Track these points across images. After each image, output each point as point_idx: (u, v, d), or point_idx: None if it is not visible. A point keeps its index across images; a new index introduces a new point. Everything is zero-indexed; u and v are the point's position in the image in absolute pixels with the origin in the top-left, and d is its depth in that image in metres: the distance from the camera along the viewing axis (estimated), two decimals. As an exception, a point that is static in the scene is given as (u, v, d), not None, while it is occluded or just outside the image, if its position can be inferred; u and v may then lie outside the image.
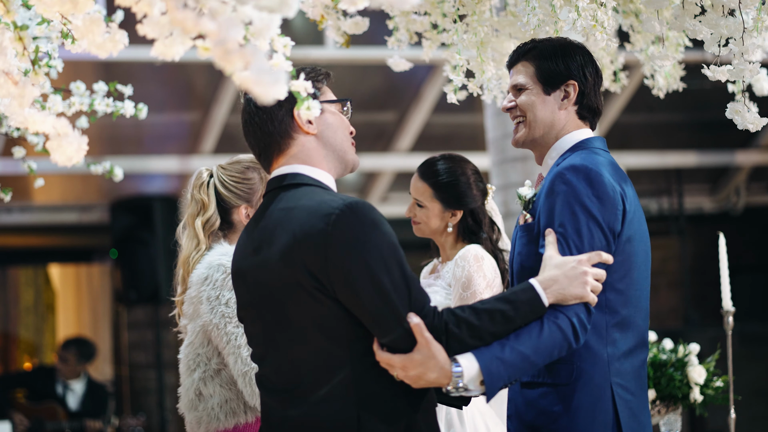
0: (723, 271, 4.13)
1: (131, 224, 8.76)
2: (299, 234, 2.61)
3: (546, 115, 3.01)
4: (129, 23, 2.82)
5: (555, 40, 3.09)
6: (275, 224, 2.68)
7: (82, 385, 8.39)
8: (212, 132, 8.39)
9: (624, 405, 2.87)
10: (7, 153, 7.03)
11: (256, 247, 2.72)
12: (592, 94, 3.03)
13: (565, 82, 3.00)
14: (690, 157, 9.74)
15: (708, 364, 4.14)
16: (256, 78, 2.11)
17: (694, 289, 10.87)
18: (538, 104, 3.01)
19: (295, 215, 2.64)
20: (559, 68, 3.01)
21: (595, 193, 2.82)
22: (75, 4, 2.38)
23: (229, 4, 2.15)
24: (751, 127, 3.27)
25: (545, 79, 3.01)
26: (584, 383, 2.85)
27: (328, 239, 2.57)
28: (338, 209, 2.59)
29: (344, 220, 2.59)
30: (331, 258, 2.57)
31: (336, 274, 2.58)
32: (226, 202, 3.50)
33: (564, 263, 2.73)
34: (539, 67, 3.01)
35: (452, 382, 2.61)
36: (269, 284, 2.67)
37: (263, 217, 2.75)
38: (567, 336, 2.68)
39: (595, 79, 3.04)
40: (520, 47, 3.08)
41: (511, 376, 2.66)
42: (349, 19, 3.71)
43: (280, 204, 2.71)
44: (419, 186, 3.92)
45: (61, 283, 10.79)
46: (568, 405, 2.85)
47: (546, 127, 3.01)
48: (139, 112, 4.06)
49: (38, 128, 2.52)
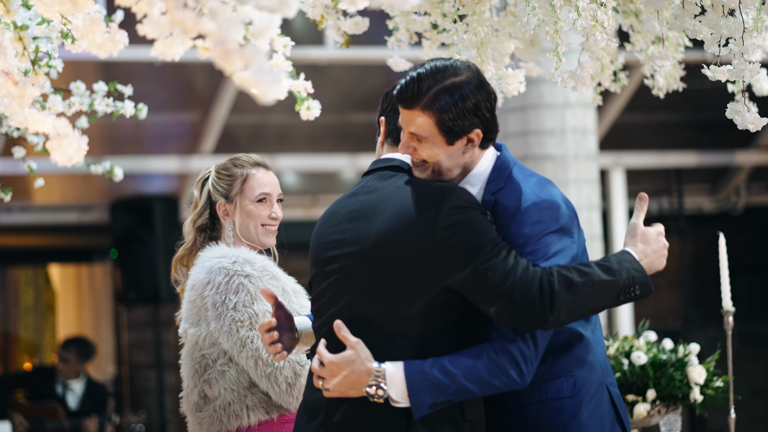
0: (723, 271, 4.13)
1: (131, 224, 8.76)
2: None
3: (451, 163, 2.84)
4: (129, 23, 2.82)
5: (447, 75, 2.80)
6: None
7: (81, 384, 8.40)
8: (212, 132, 8.39)
9: (619, 401, 2.92)
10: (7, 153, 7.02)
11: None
12: (493, 126, 2.86)
13: (468, 133, 2.81)
14: (690, 157, 9.74)
15: (708, 364, 4.14)
16: (256, 78, 2.11)
17: (694, 289, 10.87)
18: (442, 155, 2.82)
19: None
20: (466, 123, 2.79)
21: (561, 225, 2.82)
22: (75, 4, 2.38)
23: (229, 4, 2.15)
24: (751, 127, 3.27)
25: (448, 132, 2.79)
26: (587, 392, 2.86)
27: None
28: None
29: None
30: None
31: None
32: (211, 197, 3.53)
33: (650, 235, 2.89)
34: (442, 120, 2.78)
35: (372, 378, 2.69)
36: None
37: (365, 192, 2.86)
38: (504, 368, 2.71)
39: (492, 106, 2.85)
40: (410, 86, 2.79)
41: (438, 395, 2.69)
42: (349, 19, 3.71)
43: (387, 182, 2.86)
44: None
45: (61, 283, 10.79)
46: (577, 416, 2.85)
47: (452, 171, 2.86)
48: (139, 112, 4.06)
49: (38, 128, 2.52)
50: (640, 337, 4.19)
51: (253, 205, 3.50)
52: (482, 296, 2.69)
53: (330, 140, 8.80)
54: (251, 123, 8.65)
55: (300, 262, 3.70)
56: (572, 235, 2.84)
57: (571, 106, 6.60)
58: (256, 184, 3.52)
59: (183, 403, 3.45)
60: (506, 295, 2.66)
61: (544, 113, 6.56)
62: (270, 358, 3.26)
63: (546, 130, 6.48)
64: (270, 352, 2.97)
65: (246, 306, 3.29)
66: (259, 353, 3.26)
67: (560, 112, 6.55)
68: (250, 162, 3.53)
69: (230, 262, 3.33)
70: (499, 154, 2.94)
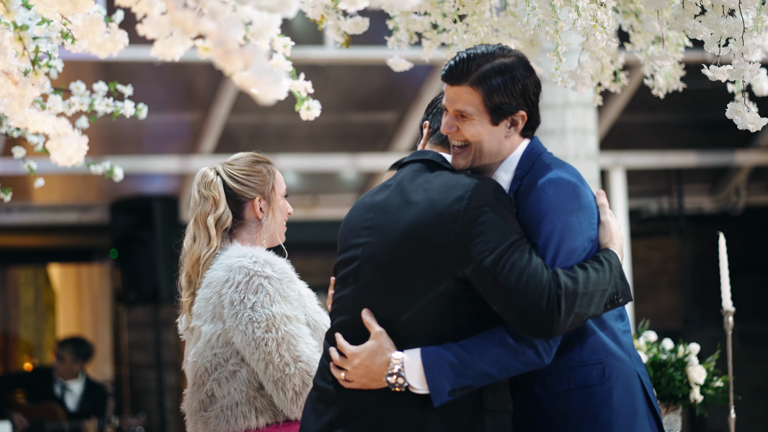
0: (723, 271, 4.13)
1: (131, 224, 8.76)
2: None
3: (493, 146, 2.85)
4: (129, 23, 2.82)
5: (496, 56, 2.83)
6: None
7: (80, 385, 8.39)
8: (212, 132, 8.39)
9: (651, 392, 2.90)
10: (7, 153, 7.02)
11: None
12: (536, 112, 2.89)
13: (514, 114, 2.83)
14: (690, 157, 9.74)
15: (708, 364, 4.14)
16: (256, 78, 2.11)
17: (694, 289, 10.87)
18: (485, 135, 2.83)
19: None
20: (513, 103, 2.81)
21: (578, 205, 2.81)
22: (75, 4, 2.38)
23: (229, 4, 2.15)
24: (751, 127, 3.27)
25: (493, 110, 2.81)
26: (616, 380, 2.84)
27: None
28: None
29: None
30: None
31: None
32: (240, 196, 3.45)
33: (616, 230, 2.87)
34: (490, 97, 2.80)
35: (390, 367, 2.71)
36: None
37: (396, 185, 2.89)
38: (521, 347, 2.71)
39: (538, 92, 2.88)
40: (459, 64, 2.82)
41: (457, 380, 2.69)
42: (349, 19, 3.71)
43: (417, 174, 2.90)
44: None
45: (61, 283, 10.79)
46: (608, 404, 2.83)
47: (493, 155, 2.87)
48: (139, 112, 4.06)
49: (38, 128, 2.52)
50: (640, 337, 4.19)
51: (283, 200, 3.52)
52: (490, 292, 2.70)
53: (330, 140, 8.80)
54: (251, 123, 8.65)
55: (301, 262, 3.69)
56: (592, 216, 2.83)
57: (571, 106, 6.60)
58: (281, 179, 3.54)
59: (185, 401, 3.41)
60: (513, 297, 2.67)
61: (544, 113, 6.49)
62: (281, 364, 3.22)
63: (546, 130, 6.48)
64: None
65: (264, 307, 3.26)
66: (271, 357, 3.23)
67: (560, 112, 6.55)
68: (264, 158, 3.53)
69: (251, 261, 3.30)
70: (530, 140, 2.95)
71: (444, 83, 2.88)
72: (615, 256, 2.81)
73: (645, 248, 10.91)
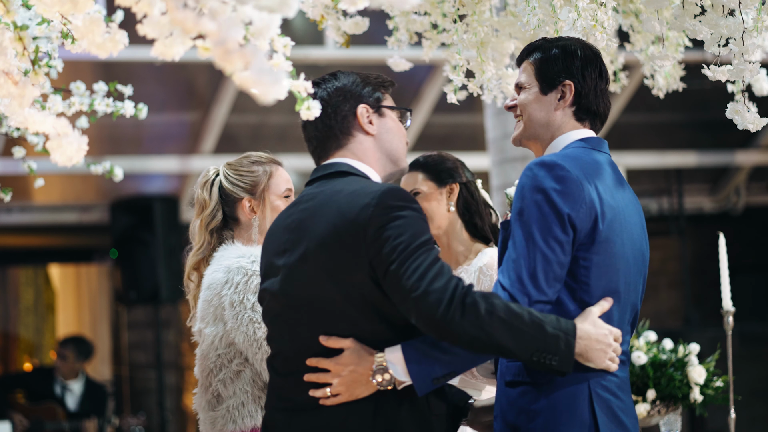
0: (723, 271, 4.13)
1: (131, 224, 8.76)
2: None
3: (541, 115, 3.00)
4: (129, 23, 2.82)
5: (562, 40, 3.07)
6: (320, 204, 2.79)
7: (80, 385, 8.39)
8: (212, 132, 8.39)
9: (602, 404, 2.86)
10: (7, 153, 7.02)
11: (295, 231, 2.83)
12: (591, 95, 3.00)
13: (562, 83, 2.99)
14: (690, 157, 9.74)
15: (708, 364, 4.14)
16: (256, 78, 2.11)
17: (694, 289, 10.87)
18: (534, 103, 3.01)
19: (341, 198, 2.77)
20: (557, 68, 2.99)
21: (559, 188, 2.82)
22: (75, 4, 2.38)
23: (229, 4, 2.15)
24: (751, 127, 3.27)
25: (543, 78, 3.01)
26: (560, 383, 2.85)
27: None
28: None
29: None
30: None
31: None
32: (230, 196, 3.48)
33: (600, 326, 2.80)
34: (539, 66, 3.01)
35: (375, 366, 2.72)
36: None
37: (305, 201, 2.84)
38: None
39: (597, 82, 3.01)
40: (528, 46, 3.09)
41: (440, 368, 2.73)
42: (349, 19, 3.71)
43: (327, 188, 2.82)
44: (410, 177, 3.96)
45: (61, 283, 10.79)
46: (546, 404, 2.86)
47: (541, 126, 3.01)
48: (139, 112, 4.05)
49: (38, 128, 2.52)
50: (640, 337, 4.19)
51: (280, 200, 3.51)
52: (397, 297, 2.68)
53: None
54: (251, 123, 8.65)
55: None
56: (570, 203, 2.82)
57: (571, 106, 6.59)
58: (281, 179, 3.54)
59: (195, 401, 3.45)
60: (414, 301, 2.64)
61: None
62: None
63: (546, 130, 6.47)
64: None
65: None
66: None
67: (560, 112, 6.55)
68: (268, 159, 3.55)
69: (249, 261, 3.31)
70: (589, 137, 3.00)
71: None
72: (572, 326, 2.75)
73: (645, 248, 10.89)
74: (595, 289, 2.86)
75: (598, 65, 3.03)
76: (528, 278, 2.78)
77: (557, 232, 2.80)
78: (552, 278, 2.79)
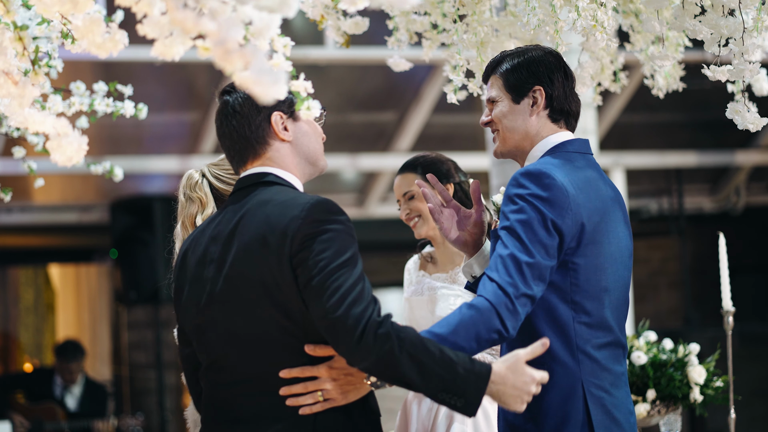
0: (723, 271, 4.13)
1: (131, 224, 8.76)
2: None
3: (518, 124, 3.05)
4: (129, 23, 2.82)
5: (522, 49, 3.12)
6: (251, 215, 2.75)
7: (80, 385, 8.39)
8: (212, 132, 8.39)
9: (596, 402, 2.91)
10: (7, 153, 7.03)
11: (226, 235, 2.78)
12: (562, 96, 3.06)
13: (531, 89, 3.05)
14: (690, 157, 9.74)
15: (708, 364, 4.14)
16: (256, 78, 2.11)
17: (694, 289, 10.87)
18: (509, 114, 3.06)
19: (269, 209, 2.73)
20: (524, 76, 3.05)
21: (545, 196, 2.88)
22: (75, 4, 2.38)
23: (229, 4, 2.15)
24: (751, 127, 3.27)
25: (512, 88, 3.06)
26: (554, 383, 2.89)
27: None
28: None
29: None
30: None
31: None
32: (223, 194, 3.48)
33: (522, 372, 2.72)
34: (507, 78, 3.07)
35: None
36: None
37: (232, 210, 2.79)
38: (489, 316, 2.77)
39: (565, 82, 3.07)
40: (490, 62, 3.15)
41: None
42: (349, 19, 3.71)
43: (254, 198, 2.77)
44: (407, 178, 3.99)
45: (61, 283, 10.79)
46: (540, 404, 2.90)
47: (519, 135, 3.06)
48: (139, 112, 4.05)
49: (38, 128, 2.52)
50: (640, 337, 4.19)
51: None
52: (314, 312, 2.64)
53: (330, 140, 8.75)
54: (251, 123, 8.63)
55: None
56: (556, 210, 2.86)
57: (571, 106, 6.59)
58: None
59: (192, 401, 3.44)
60: (331, 322, 2.60)
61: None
62: None
63: (546, 130, 6.48)
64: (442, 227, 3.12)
65: None
66: None
67: (560, 112, 6.55)
68: None
69: None
70: (569, 140, 3.05)
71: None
72: (486, 369, 2.68)
73: (645, 248, 10.91)
74: (586, 289, 2.92)
75: (562, 67, 3.09)
76: (515, 272, 2.83)
77: (542, 236, 2.86)
78: (537, 277, 2.84)
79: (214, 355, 2.79)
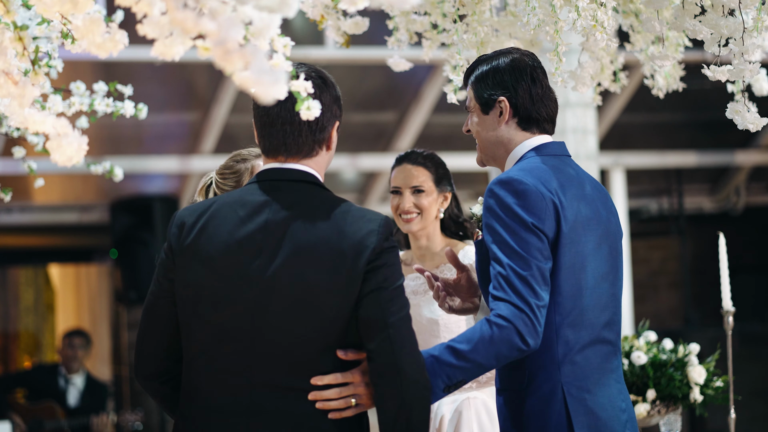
0: (723, 271, 4.13)
1: (131, 224, 8.76)
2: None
3: (490, 135, 3.08)
4: (129, 23, 2.82)
5: (491, 55, 3.11)
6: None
7: (82, 379, 8.40)
8: (212, 132, 8.39)
9: (577, 404, 2.90)
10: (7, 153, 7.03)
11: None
12: (528, 104, 3.05)
13: (496, 100, 3.06)
14: (690, 157, 9.74)
15: (708, 364, 4.14)
16: (256, 78, 2.11)
17: (694, 289, 10.87)
18: (480, 125, 3.09)
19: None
20: (489, 86, 3.06)
21: (521, 202, 2.89)
22: (75, 4, 2.38)
23: (229, 4, 2.15)
24: (751, 127, 3.27)
25: (479, 99, 3.08)
26: (535, 388, 2.91)
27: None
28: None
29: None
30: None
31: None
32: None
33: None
34: (475, 89, 3.10)
35: None
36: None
37: (276, 198, 2.77)
38: (509, 334, 2.80)
39: (531, 89, 3.05)
40: (468, 68, 3.16)
41: (451, 375, 2.79)
42: (349, 19, 3.71)
43: (308, 196, 2.78)
44: (413, 170, 3.99)
45: (61, 283, 10.79)
46: (523, 409, 2.92)
47: (493, 145, 3.08)
48: (139, 112, 4.05)
49: (38, 128, 2.52)
50: (640, 337, 4.19)
51: None
52: (371, 314, 2.69)
53: (330, 140, 8.79)
54: (251, 123, 8.64)
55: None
56: (534, 214, 2.89)
57: (571, 106, 6.60)
58: None
59: None
60: (387, 331, 2.67)
61: (544, 113, 6.56)
62: None
63: (546, 130, 6.48)
64: (440, 304, 3.16)
65: None
66: None
67: (560, 112, 6.54)
68: (252, 154, 3.53)
69: None
70: (544, 143, 3.07)
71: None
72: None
73: (645, 248, 10.91)
74: (565, 289, 2.92)
75: (529, 72, 3.06)
76: (521, 286, 2.84)
77: (533, 241, 2.87)
78: (541, 282, 2.86)
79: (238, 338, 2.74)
